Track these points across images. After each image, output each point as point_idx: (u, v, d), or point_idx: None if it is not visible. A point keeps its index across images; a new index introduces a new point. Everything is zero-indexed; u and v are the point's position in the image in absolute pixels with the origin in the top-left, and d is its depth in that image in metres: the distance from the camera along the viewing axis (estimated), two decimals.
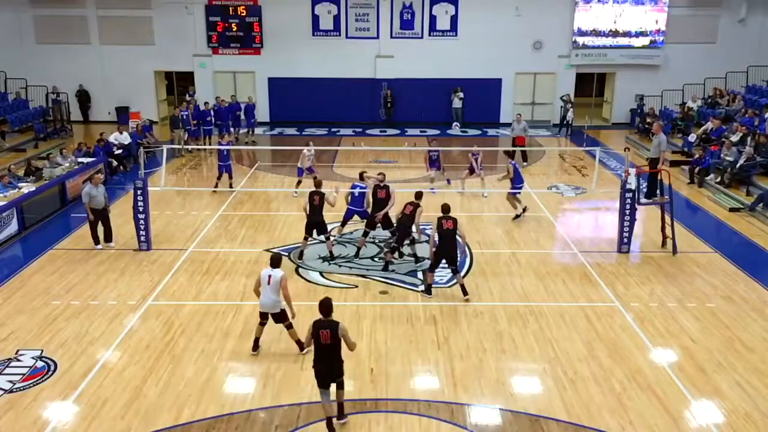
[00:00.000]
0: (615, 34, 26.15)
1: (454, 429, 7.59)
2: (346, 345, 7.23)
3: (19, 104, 23.53)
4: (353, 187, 13.15)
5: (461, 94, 26.13)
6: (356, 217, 12.90)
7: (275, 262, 8.84)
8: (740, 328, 9.95)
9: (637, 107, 25.85)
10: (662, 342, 9.54)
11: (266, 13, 25.90)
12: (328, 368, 7.19)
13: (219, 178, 16.74)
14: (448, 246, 10.45)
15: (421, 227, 12.23)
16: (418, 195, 11.91)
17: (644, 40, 26.16)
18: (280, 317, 8.86)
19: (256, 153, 21.81)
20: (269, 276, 8.72)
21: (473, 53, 26.01)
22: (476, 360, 9.00)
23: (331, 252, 12.45)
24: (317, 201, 12.02)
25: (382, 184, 12.45)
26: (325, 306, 7.16)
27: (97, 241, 12.96)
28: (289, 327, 8.94)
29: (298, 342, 8.91)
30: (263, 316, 8.97)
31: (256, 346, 9.13)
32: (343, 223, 13.13)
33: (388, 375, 8.58)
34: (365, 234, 12.62)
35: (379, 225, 12.45)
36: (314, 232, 12.22)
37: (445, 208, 10.77)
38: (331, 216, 13.00)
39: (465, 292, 10.66)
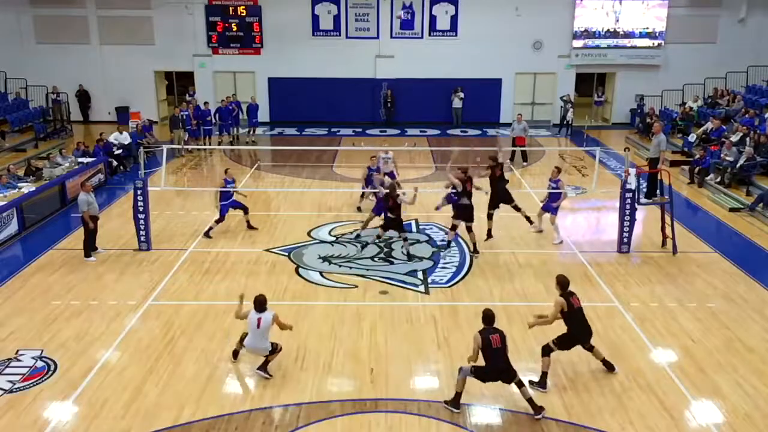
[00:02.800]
0: (616, 34, 26.14)
1: (454, 429, 7.59)
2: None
3: (19, 104, 23.54)
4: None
5: (461, 94, 26.12)
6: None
7: (260, 305, 8.36)
8: (740, 328, 9.95)
9: (637, 107, 25.85)
10: (662, 342, 9.54)
11: (266, 13, 25.90)
12: (505, 369, 7.75)
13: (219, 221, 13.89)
14: (583, 326, 8.59)
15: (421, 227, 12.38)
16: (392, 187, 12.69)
17: (644, 41, 26.16)
18: (271, 352, 8.58)
19: (257, 152, 21.82)
20: (258, 319, 8.30)
21: (473, 53, 25.98)
22: None
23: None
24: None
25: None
26: (488, 317, 7.81)
27: (88, 254, 12.43)
28: (278, 350, 8.65)
29: (265, 363, 8.59)
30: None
31: (236, 355, 8.96)
32: None
33: (388, 375, 8.58)
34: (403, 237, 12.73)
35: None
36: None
37: (566, 282, 8.56)
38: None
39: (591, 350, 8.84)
